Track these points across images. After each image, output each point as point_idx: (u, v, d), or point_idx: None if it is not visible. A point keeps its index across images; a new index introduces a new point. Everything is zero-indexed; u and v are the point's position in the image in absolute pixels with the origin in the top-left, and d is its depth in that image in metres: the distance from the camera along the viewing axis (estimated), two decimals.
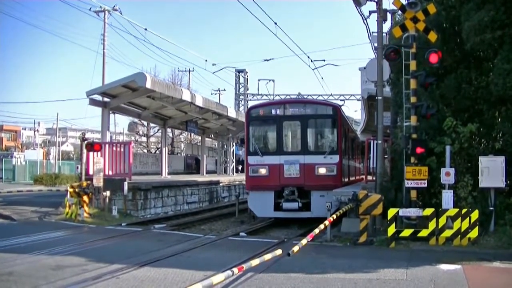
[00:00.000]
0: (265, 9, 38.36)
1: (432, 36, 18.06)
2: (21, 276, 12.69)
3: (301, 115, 24.77)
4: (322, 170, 23.77)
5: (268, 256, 11.47)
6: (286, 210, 23.61)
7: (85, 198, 24.70)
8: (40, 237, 19.09)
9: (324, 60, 44.11)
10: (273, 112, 25.22)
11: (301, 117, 24.71)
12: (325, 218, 16.65)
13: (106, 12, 44.83)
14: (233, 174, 54.88)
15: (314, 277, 12.23)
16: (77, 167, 45.66)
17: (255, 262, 10.77)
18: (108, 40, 45.44)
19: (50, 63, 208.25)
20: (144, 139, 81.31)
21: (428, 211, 16.35)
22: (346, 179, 27.29)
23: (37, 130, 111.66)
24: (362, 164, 37.61)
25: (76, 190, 24.61)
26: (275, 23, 29.79)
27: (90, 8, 44.28)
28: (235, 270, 9.80)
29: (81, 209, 24.35)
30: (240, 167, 62.36)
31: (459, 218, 16.09)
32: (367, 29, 26.98)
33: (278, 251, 11.92)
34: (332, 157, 23.89)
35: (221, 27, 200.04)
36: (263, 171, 24.39)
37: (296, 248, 12.22)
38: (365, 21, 25.65)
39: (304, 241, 12.95)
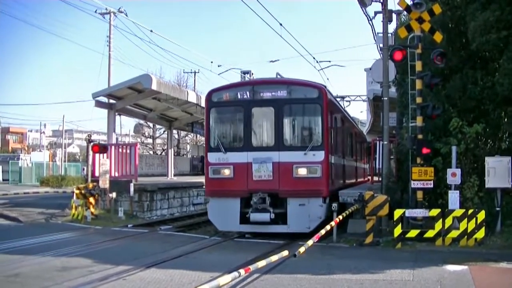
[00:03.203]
0: (270, 10, 38.32)
1: (438, 37, 18.05)
2: (28, 277, 12.76)
3: (276, 99, 19.62)
4: (302, 171, 18.89)
5: (274, 258, 11.46)
6: (254, 222, 18.81)
7: (91, 199, 24.79)
8: (46, 238, 19.16)
9: (330, 61, 43.85)
10: (240, 96, 20.00)
11: (275, 102, 19.57)
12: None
13: (112, 14, 44.84)
14: None
15: (321, 278, 12.24)
16: (83, 169, 45.92)
17: (261, 263, 10.77)
18: (114, 42, 45.35)
19: (56, 65, 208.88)
20: (150, 140, 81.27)
21: (434, 212, 16.34)
22: (340, 182, 22.72)
23: (43, 132, 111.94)
24: (368, 164, 37.49)
25: (82, 191, 24.70)
26: (281, 24, 29.71)
27: (96, 10, 44.30)
28: (242, 271, 9.81)
29: (87, 211, 24.41)
30: None
31: (466, 219, 16.06)
32: (372, 30, 26.92)
33: (285, 252, 11.90)
34: (316, 154, 18.87)
35: (226, 28, 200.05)
36: (226, 172, 19.54)
37: (302, 249, 12.22)
38: (370, 21, 25.60)
39: (310, 242, 12.95)
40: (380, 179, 23.29)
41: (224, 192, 19.62)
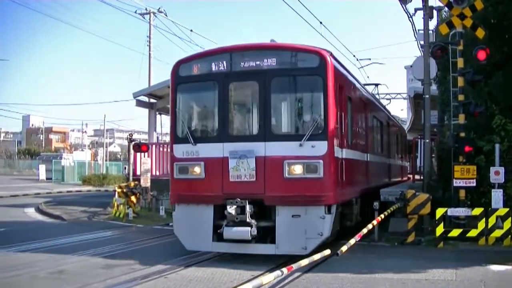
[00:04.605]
0: (310, 8, 38.10)
1: (480, 33, 17.81)
2: (72, 274, 13.01)
3: (261, 70, 14.59)
4: (296, 169, 14.01)
5: (317, 256, 11.46)
6: (229, 240, 14.05)
7: (133, 198, 25.03)
8: (89, 236, 19.50)
9: (369, 59, 43.44)
10: (215, 67, 15.04)
11: (260, 74, 14.59)
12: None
13: (151, 14, 45.26)
14: None
15: (362, 277, 12.20)
16: (125, 168, 46.43)
17: (304, 262, 10.79)
18: (154, 41, 45.80)
19: (97, 65, 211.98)
20: None
21: (477, 211, 16.12)
22: (360, 184, 18.15)
23: (85, 132, 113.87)
24: (409, 162, 37.11)
25: (124, 190, 24.97)
26: (321, 22, 29.55)
27: (136, 11, 44.80)
28: (285, 270, 9.82)
29: (129, 209, 24.68)
30: None
31: (509, 218, 15.80)
32: (412, 27, 26.66)
33: (327, 251, 11.88)
34: (316, 145, 13.94)
35: (265, 26, 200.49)
36: (196, 170, 14.80)
37: (344, 248, 12.18)
38: (410, 18, 25.36)
39: (352, 241, 12.91)
40: (421, 177, 23.08)
41: (193, 197, 14.90)
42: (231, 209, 13.77)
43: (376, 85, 36.37)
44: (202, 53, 17.19)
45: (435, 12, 23.61)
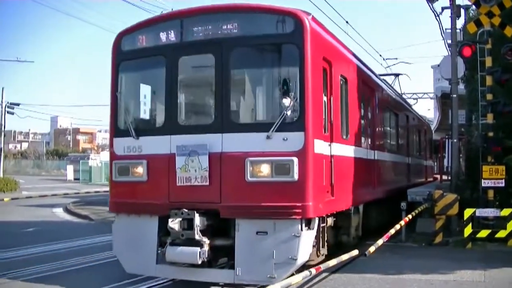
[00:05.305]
0: (336, 7, 38.04)
1: (508, 31, 17.61)
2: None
3: (219, 39, 11.26)
4: (262, 169, 10.67)
5: (345, 257, 11.47)
6: (173, 263, 11.13)
7: None
8: None
9: (396, 59, 43.23)
10: (162, 39, 11.85)
11: (216, 45, 11.23)
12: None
13: None
14: None
15: (389, 277, 12.14)
16: None
17: (332, 262, 10.81)
18: None
19: None
20: None
21: (506, 211, 15.95)
22: (362, 191, 15.02)
23: None
24: (436, 162, 36.79)
25: None
26: (347, 22, 29.47)
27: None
28: (313, 270, 9.84)
29: None
30: None
31: None
32: (439, 26, 26.48)
33: (355, 251, 11.87)
34: (289, 137, 10.60)
35: None
36: (138, 170, 11.69)
37: (372, 249, 12.16)
38: (437, 17, 25.18)
39: (380, 241, 12.88)
40: (449, 178, 22.90)
41: (134, 206, 11.71)
42: (174, 223, 10.61)
43: (396, 75, 32.46)
44: (149, 20, 12.82)
45: (462, 11, 23.37)
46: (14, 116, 53.85)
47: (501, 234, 15.94)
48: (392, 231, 14.18)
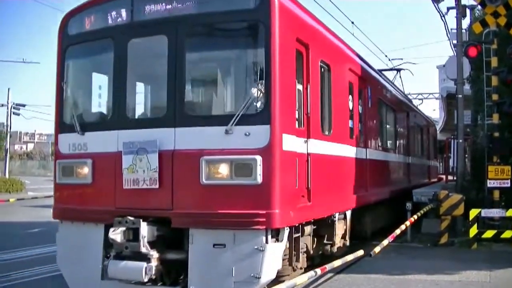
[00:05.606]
0: (342, 8, 38.00)
1: None
2: None
3: (172, 19, 9.69)
4: (220, 170, 9.08)
5: (350, 257, 11.44)
6: (115, 278, 9.33)
7: None
8: None
9: (401, 59, 43.14)
10: (111, 19, 10.25)
11: (169, 25, 9.66)
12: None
13: None
14: None
15: (395, 278, 12.10)
16: None
17: (337, 262, 10.75)
18: None
19: None
20: None
21: None
22: (347, 192, 13.29)
23: None
24: (441, 163, 36.73)
25: None
26: (352, 22, 29.36)
27: None
28: (318, 270, 9.74)
29: None
30: None
31: None
32: (445, 26, 26.45)
33: (360, 252, 11.85)
34: (252, 132, 8.97)
35: None
36: (83, 171, 10.14)
37: (377, 249, 12.12)
38: (443, 18, 25.15)
39: (385, 242, 12.85)
40: (454, 178, 22.88)
41: (78, 212, 10.13)
42: (116, 234, 8.93)
43: (398, 70, 30.10)
44: None
45: (468, 11, 23.38)
46: (20, 117, 54.01)
47: (507, 234, 15.89)
48: (398, 231, 14.14)
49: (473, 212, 16.07)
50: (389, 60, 43.00)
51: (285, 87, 9.31)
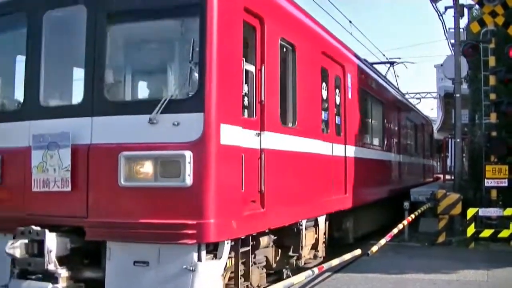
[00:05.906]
0: (339, 7, 37.91)
1: None
2: None
3: None
4: (143, 168, 7.23)
5: (347, 256, 11.44)
6: None
7: None
8: None
9: (399, 58, 43.16)
10: None
11: None
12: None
13: None
14: None
15: (392, 277, 12.09)
16: None
17: (334, 262, 10.76)
18: None
19: None
20: None
21: (509, 211, 15.90)
22: (318, 196, 11.27)
23: None
24: (439, 162, 36.74)
25: None
26: (350, 22, 29.32)
27: None
28: (315, 269, 9.74)
29: None
30: None
31: None
32: (443, 26, 26.38)
33: (357, 251, 11.85)
34: (181, 121, 7.16)
35: None
36: None
37: (375, 248, 12.14)
38: (440, 17, 25.09)
39: (383, 241, 12.86)
40: (452, 177, 22.89)
41: None
42: (14, 247, 7.15)
43: (391, 63, 28.54)
44: None
45: (465, 10, 23.39)
46: None
47: (504, 233, 15.89)
48: (395, 230, 14.16)
49: (471, 212, 16.09)
50: (387, 59, 43.10)
51: (226, 65, 7.57)
